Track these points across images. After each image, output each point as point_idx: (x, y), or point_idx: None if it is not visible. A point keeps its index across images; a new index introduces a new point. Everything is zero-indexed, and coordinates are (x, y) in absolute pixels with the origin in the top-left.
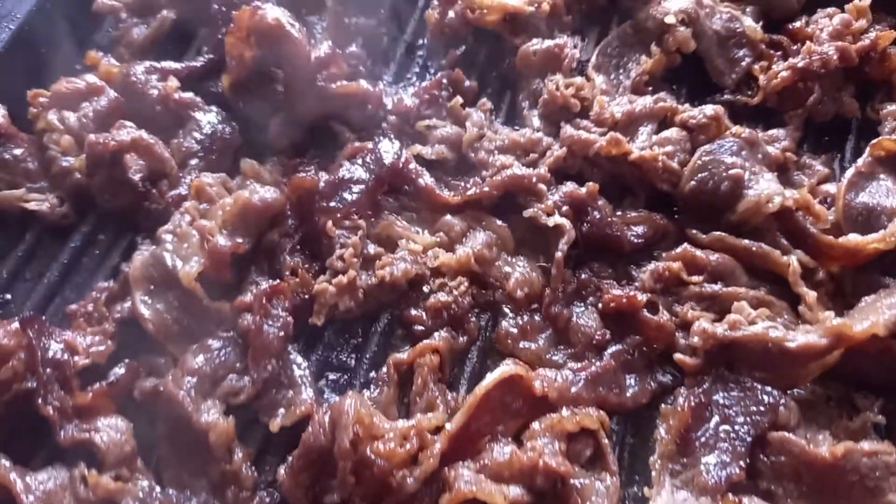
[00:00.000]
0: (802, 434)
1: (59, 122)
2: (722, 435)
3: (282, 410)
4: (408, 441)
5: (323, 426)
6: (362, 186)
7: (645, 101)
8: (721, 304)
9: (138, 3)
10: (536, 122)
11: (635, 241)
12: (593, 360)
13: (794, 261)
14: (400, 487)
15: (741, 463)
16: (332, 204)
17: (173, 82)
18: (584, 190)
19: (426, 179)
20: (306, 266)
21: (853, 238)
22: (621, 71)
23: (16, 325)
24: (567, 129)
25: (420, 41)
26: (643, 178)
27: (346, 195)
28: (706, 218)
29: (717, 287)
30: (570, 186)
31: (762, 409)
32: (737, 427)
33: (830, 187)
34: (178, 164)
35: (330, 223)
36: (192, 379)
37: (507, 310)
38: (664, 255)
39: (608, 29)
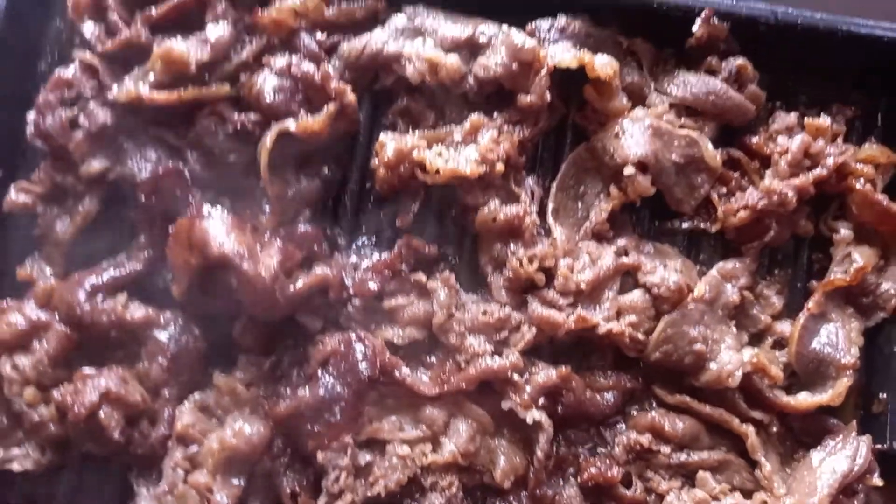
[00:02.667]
0: None
1: (13, 371)
2: None
3: None
4: None
5: None
6: (343, 403)
7: (607, 263)
8: (688, 469)
9: (50, 191)
10: (502, 293)
11: (606, 409)
12: None
13: (751, 433)
14: None
15: None
16: (318, 429)
17: (121, 299)
18: (556, 377)
19: (403, 373)
20: (303, 485)
21: (804, 400)
22: (580, 204)
23: None
24: (534, 307)
25: (368, 185)
26: (610, 343)
27: (329, 417)
28: (672, 379)
29: (683, 457)
30: (543, 376)
31: None
32: None
33: (785, 326)
34: (151, 394)
35: (318, 451)
36: None
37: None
38: (634, 415)
39: (562, 149)
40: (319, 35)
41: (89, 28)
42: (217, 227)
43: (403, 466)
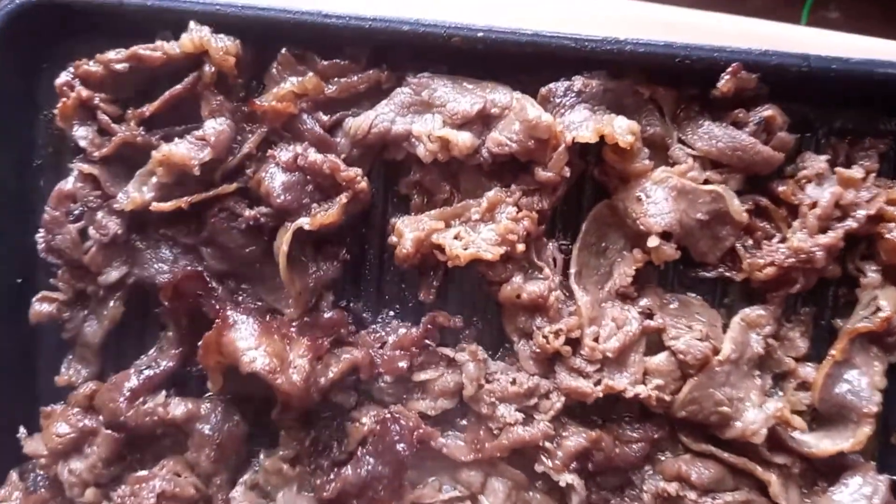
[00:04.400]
0: None
1: (70, 475)
2: None
3: None
4: None
5: None
6: (385, 480)
7: (633, 329)
8: None
9: (72, 297)
10: (529, 363)
11: (635, 460)
12: None
13: (774, 481)
14: None
15: None
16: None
17: (160, 398)
18: (586, 440)
19: (439, 443)
20: None
21: (826, 448)
22: (602, 261)
23: None
24: (562, 377)
25: (386, 255)
26: (637, 403)
27: (373, 494)
28: (697, 431)
29: (709, 502)
30: (573, 441)
31: None
32: None
33: (809, 370)
34: (203, 480)
35: None
36: None
37: None
38: (662, 460)
39: (581, 203)
40: (322, 115)
41: (81, 134)
42: (245, 339)
43: None
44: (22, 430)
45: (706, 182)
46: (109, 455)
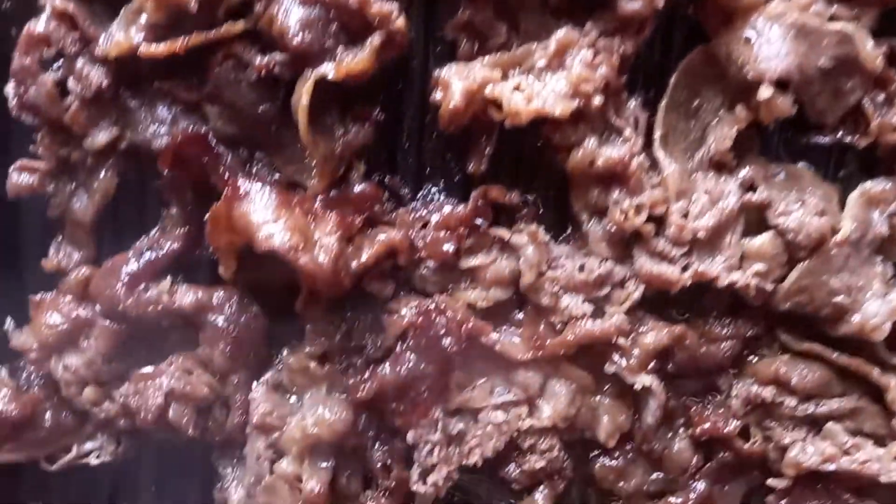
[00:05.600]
0: None
1: (66, 372)
2: None
3: None
4: None
5: None
6: (427, 380)
7: (730, 204)
8: (815, 419)
9: (56, 166)
10: (602, 246)
11: (723, 360)
12: (690, 488)
13: (893, 384)
14: None
15: None
16: (404, 407)
17: (165, 285)
18: (667, 337)
19: (492, 339)
20: (394, 457)
21: None
22: (694, 124)
23: None
24: (643, 262)
25: (428, 119)
26: (731, 294)
27: (415, 395)
28: (798, 322)
29: (811, 408)
30: (652, 338)
31: None
32: None
33: None
34: (220, 380)
35: (407, 428)
36: None
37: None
38: (753, 363)
39: (669, 52)
40: None
41: None
42: (261, 212)
43: (499, 433)
44: (9, 321)
45: (832, 19)
46: (109, 350)
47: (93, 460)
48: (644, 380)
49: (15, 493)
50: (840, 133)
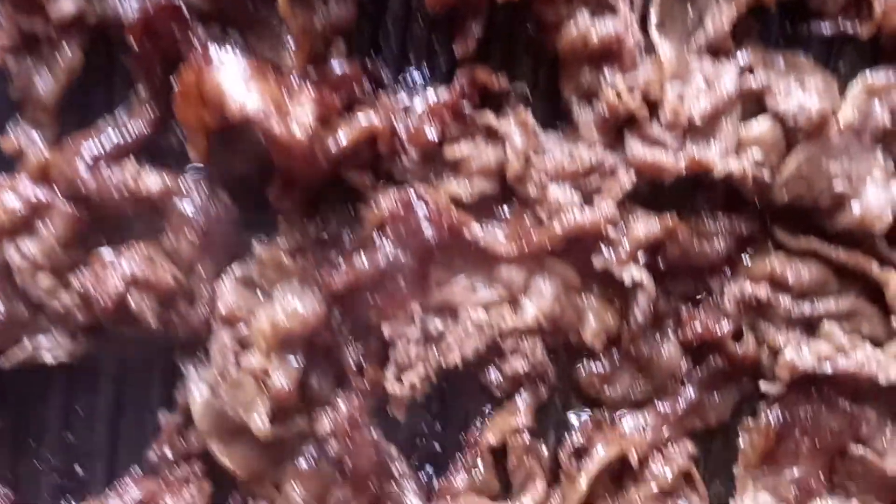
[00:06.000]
0: (881, 437)
1: (21, 258)
2: (805, 449)
3: None
4: None
5: None
6: (406, 271)
7: (728, 88)
8: (809, 320)
9: (17, 41)
10: (592, 131)
11: (716, 259)
12: (678, 394)
13: (893, 280)
14: None
15: (822, 473)
16: (380, 300)
17: (130, 168)
18: (659, 229)
19: (475, 232)
20: (368, 355)
21: None
22: (690, 7)
23: None
24: (635, 148)
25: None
26: (724, 182)
27: (392, 287)
28: (797, 220)
29: (806, 309)
30: (642, 228)
31: (845, 424)
32: (819, 441)
33: None
34: (185, 271)
35: (383, 323)
36: None
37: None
38: (748, 264)
39: None
40: None
41: None
42: (233, 79)
43: (480, 333)
44: None
45: None
46: (68, 235)
47: (48, 358)
48: (633, 272)
49: None
50: (841, 21)
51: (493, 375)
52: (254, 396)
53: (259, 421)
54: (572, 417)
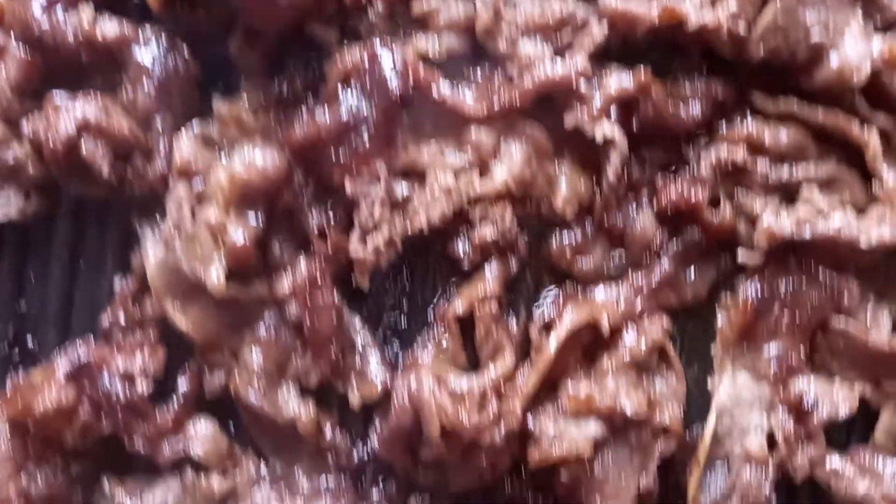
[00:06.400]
0: (864, 310)
1: None
2: (785, 324)
3: (355, 383)
4: (487, 402)
5: (404, 411)
6: (370, 126)
7: None
8: (789, 186)
9: None
10: None
11: (691, 123)
12: (652, 266)
13: (874, 140)
14: (488, 443)
15: (802, 349)
16: (343, 156)
17: (87, 13)
18: (632, 84)
19: (442, 89)
20: (332, 221)
21: None
22: None
23: (62, 374)
24: None
25: None
26: (700, 41)
27: (356, 142)
28: (775, 84)
29: (784, 174)
30: (615, 83)
31: (826, 295)
32: (800, 315)
33: None
34: (140, 124)
35: (346, 180)
36: (259, 380)
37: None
38: (724, 129)
39: None
40: None
41: None
42: None
43: (447, 198)
44: None
45: None
46: (20, 82)
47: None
48: (605, 128)
49: None
50: None
51: (462, 246)
52: (210, 251)
53: (215, 275)
54: (544, 294)
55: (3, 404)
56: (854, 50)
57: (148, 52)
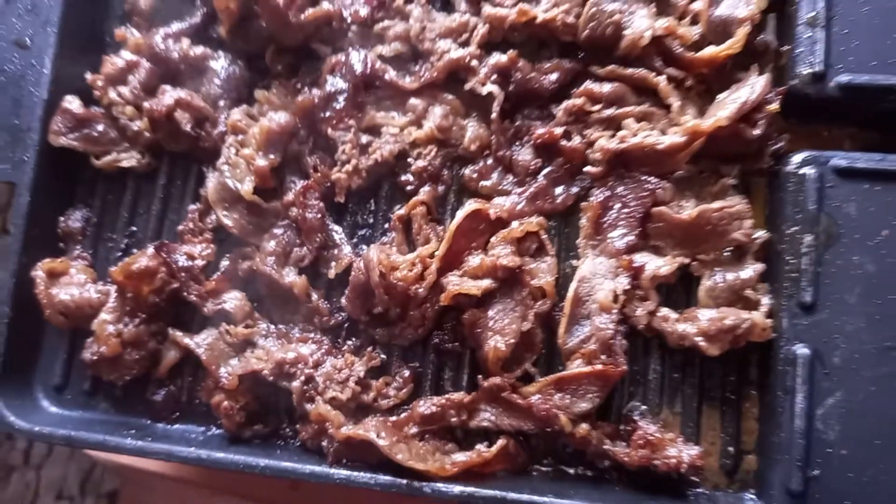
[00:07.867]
0: (676, 204)
1: (118, 97)
2: (622, 216)
3: (333, 263)
4: (415, 266)
5: (360, 270)
6: (345, 95)
7: None
8: (617, 123)
9: None
10: (462, 4)
11: (551, 87)
12: (532, 183)
13: (662, 81)
14: (416, 294)
15: (636, 232)
16: (328, 114)
17: (185, 42)
18: (506, 58)
19: (390, 74)
20: (323, 162)
21: (709, 50)
22: None
23: (151, 250)
24: (486, 8)
25: None
26: (551, 34)
27: (336, 105)
28: (602, 56)
29: (612, 111)
30: (495, 58)
31: (646, 193)
32: (630, 208)
33: (698, 4)
34: (212, 106)
35: (329, 129)
36: (272, 258)
37: (467, 159)
38: (574, 92)
39: None
40: None
41: None
42: None
43: (395, 141)
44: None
45: None
46: (146, 82)
47: (125, 163)
48: (489, 87)
49: (73, 189)
50: None
51: (405, 176)
52: (245, 173)
53: (248, 186)
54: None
55: (115, 272)
56: (641, 24)
57: (218, 63)
